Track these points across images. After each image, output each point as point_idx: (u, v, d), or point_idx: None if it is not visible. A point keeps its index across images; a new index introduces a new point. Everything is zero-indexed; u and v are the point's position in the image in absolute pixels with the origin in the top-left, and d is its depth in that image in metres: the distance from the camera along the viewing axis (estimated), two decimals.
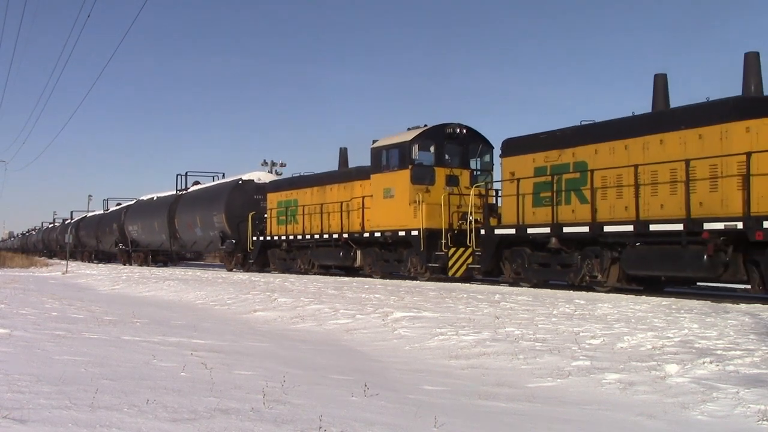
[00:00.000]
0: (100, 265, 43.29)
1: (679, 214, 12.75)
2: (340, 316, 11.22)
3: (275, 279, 21.09)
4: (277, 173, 45.84)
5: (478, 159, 20.76)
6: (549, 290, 14.88)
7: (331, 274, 23.94)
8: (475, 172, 20.59)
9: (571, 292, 14.46)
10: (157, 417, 4.28)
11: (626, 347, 7.52)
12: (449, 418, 4.81)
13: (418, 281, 19.08)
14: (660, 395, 5.69)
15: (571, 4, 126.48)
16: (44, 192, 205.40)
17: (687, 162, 12.57)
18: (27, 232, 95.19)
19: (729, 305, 11.39)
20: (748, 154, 11.67)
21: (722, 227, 11.93)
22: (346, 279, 20.58)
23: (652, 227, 13.06)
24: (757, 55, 12.87)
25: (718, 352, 6.99)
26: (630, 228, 13.49)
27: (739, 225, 11.69)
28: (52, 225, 73.66)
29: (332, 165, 27.51)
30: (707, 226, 12.10)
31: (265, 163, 47.12)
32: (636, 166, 13.60)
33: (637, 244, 13.61)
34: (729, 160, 12.08)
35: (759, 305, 11.32)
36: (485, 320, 9.74)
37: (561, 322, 9.27)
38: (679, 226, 12.59)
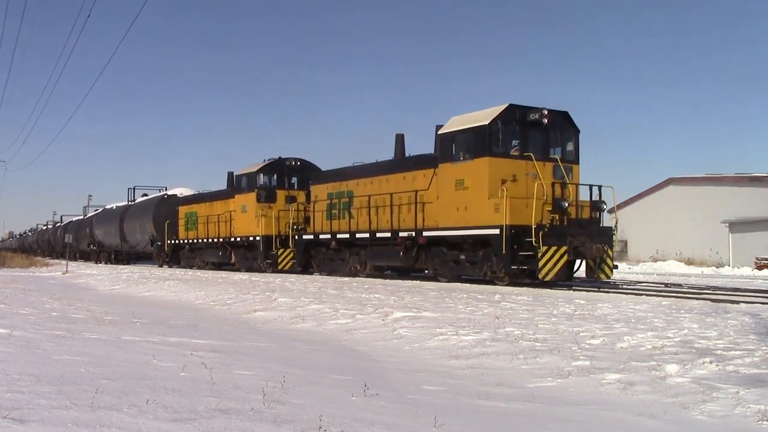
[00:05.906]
0: (99, 265, 44.03)
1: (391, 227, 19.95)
2: (340, 316, 11.21)
3: (275, 279, 21.10)
4: None
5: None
6: (549, 290, 14.91)
7: (221, 270, 29.73)
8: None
9: (571, 292, 14.51)
10: (157, 417, 4.28)
11: (626, 347, 7.52)
12: (449, 418, 4.81)
13: (269, 273, 25.49)
14: (660, 395, 5.69)
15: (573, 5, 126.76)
16: (44, 192, 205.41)
17: (391, 195, 19.93)
18: (24, 233, 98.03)
19: (729, 305, 11.42)
20: (416, 192, 18.87)
21: (406, 235, 19.10)
22: (346, 279, 20.64)
23: (378, 235, 20.37)
24: (402, 136, 21.11)
25: (718, 352, 7.00)
26: (367, 235, 20.83)
27: (413, 233, 18.77)
28: (45, 227, 79.69)
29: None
30: (400, 234, 19.35)
31: None
32: (370, 196, 20.87)
33: (373, 246, 20.86)
34: (412, 194, 19.09)
35: (759, 305, 11.36)
36: (485, 320, 9.75)
37: (561, 322, 9.28)
38: (389, 234, 19.86)
